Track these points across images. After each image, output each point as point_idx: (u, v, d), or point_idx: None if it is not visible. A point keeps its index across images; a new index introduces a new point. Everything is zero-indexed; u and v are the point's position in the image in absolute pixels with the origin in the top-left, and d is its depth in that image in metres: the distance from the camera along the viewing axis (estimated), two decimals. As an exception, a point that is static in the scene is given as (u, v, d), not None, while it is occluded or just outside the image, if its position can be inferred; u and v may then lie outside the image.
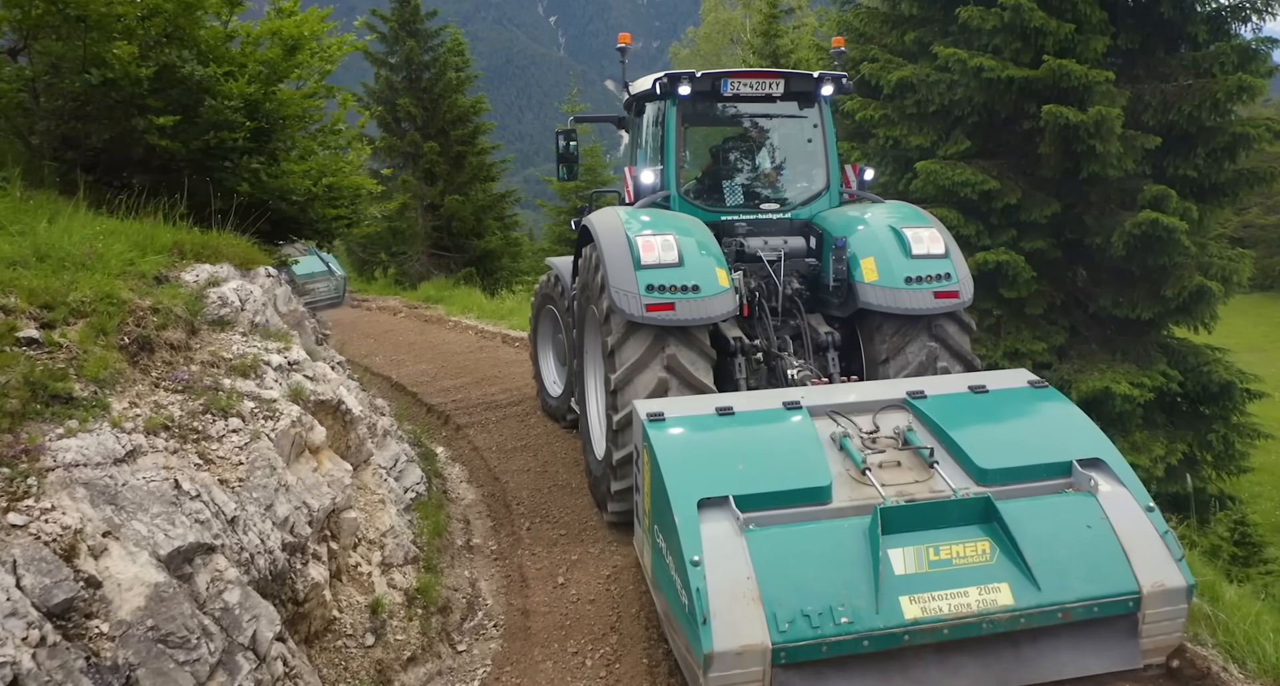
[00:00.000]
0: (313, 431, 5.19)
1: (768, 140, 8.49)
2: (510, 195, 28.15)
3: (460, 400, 11.98)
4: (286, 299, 6.35)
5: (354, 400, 6.13)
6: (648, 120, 8.44)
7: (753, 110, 8.22)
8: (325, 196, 7.73)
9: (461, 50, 26.18)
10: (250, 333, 5.53)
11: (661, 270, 6.39)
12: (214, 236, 6.08)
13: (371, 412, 7.52)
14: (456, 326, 17.70)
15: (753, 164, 8.48)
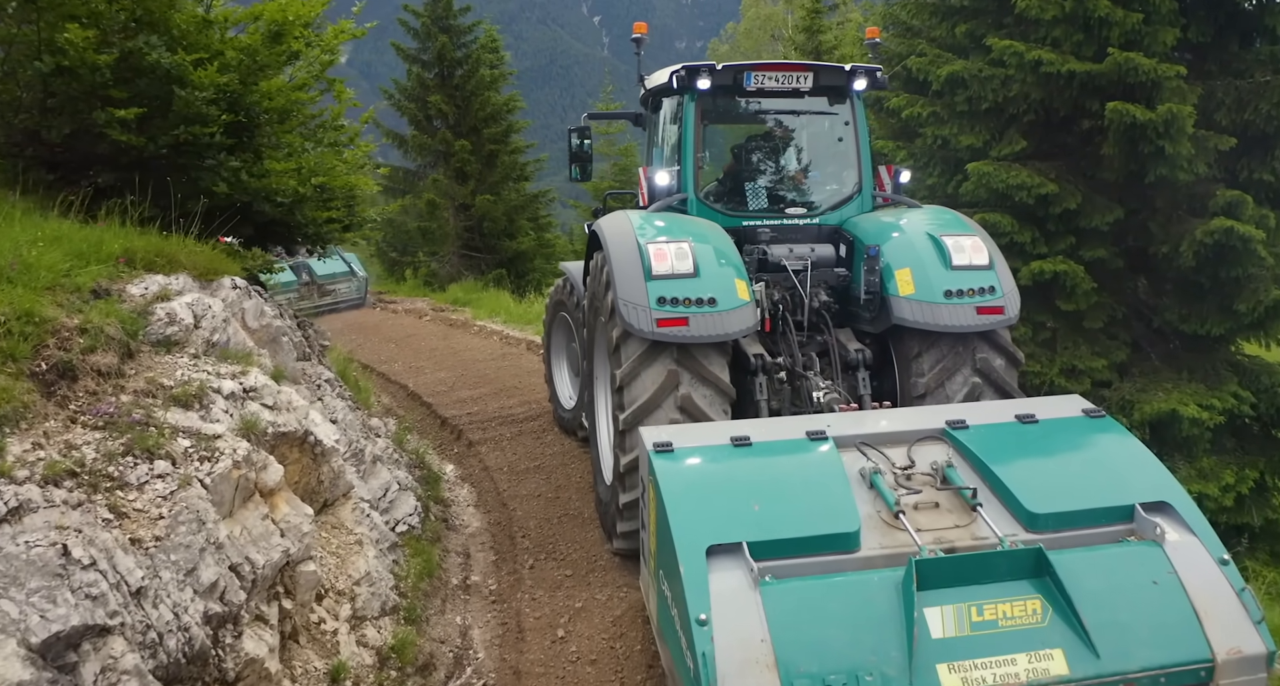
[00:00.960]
0: (266, 471, 4.49)
1: (795, 139, 7.85)
2: (544, 195, 27.50)
3: (476, 413, 11.32)
4: (258, 312, 5.68)
5: (328, 430, 5.44)
6: (664, 117, 7.84)
7: (779, 106, 7.57)
8: (316, 198, 7.06)
9: (496, 47, 25.61)
10: (204, 354, 4.85)
11: (675, 281, 5.87)
12: (174, 242, 5.42)
13: (362, 436, 6.85)
14: (481, 331, 17.08)
15: (778, 165, 7.83)
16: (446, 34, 24.19)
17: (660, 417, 5.85)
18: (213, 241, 6.41)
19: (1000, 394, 6.38)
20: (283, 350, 5.98)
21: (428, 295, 23.82)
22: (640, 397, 5.92)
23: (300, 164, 6.90)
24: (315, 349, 8.11)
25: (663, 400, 5.91)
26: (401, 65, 25.21)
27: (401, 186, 25.70)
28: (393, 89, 24.85)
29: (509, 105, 25.42)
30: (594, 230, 6.99)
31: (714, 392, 6.01)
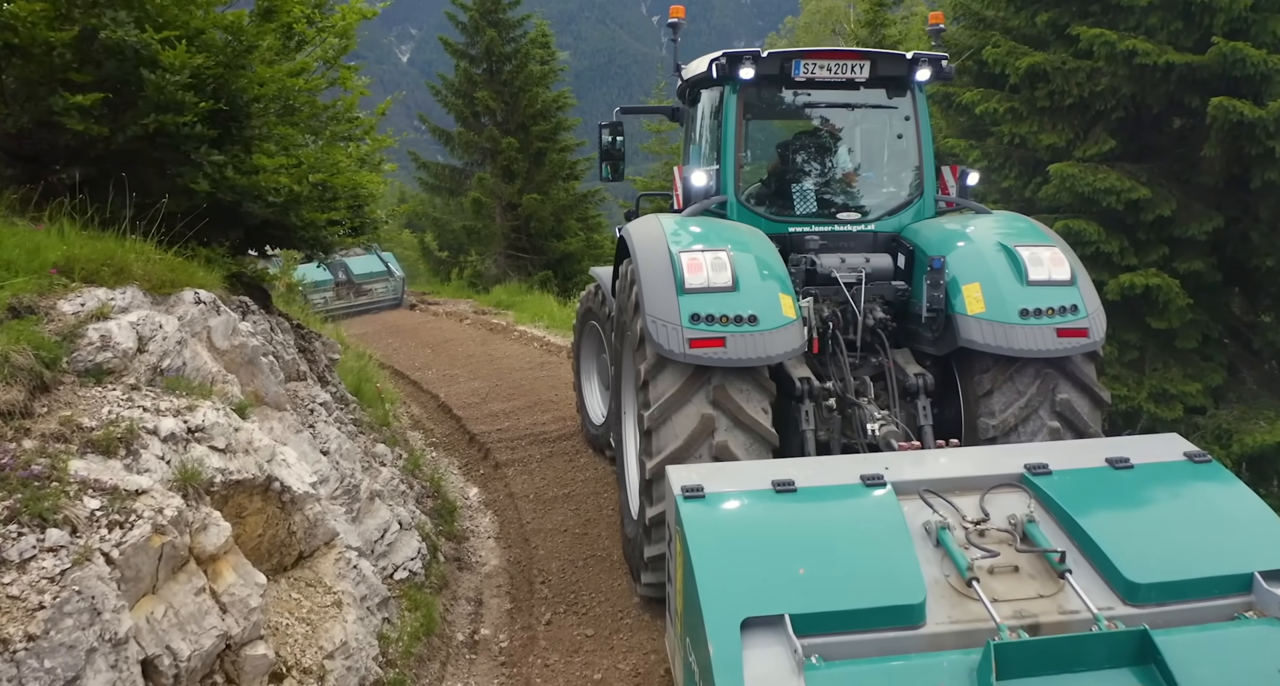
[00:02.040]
0: (206, 532, 3.68)
1: (848, 136, 7.09)
2: (594, 195, 26.62)
3: (506, 429, 10.51)
4: (228, 331, 4.88)
5: (302, 472, 4.62)
6: (703, 110, 7.10)
7: (831, 99, 6.77)
8: (317, 197, 6.27)
9: (546, 42, 24.83)
10: (146, 384, 4.06)
11: (711, 295, 5.25)
12: (129, 248, 4.64)
13: (361, 468, 6.05)
14: (521, 337, 16.30)
15: (829, 164, 7.02)
16: (495, 28, 23.46)
17: (691, 412, 5.30)
18: (193, 246, 5.65)
19: (1069, 423, 5.65)
20: (261, 373, 5.19)
21: (471, 297, 23.14)
22: (669, 409, 5.30)
23: (299, 159, 6.11)
24: (320, 364, 7.34)
25: (690, 401, 5.29)
26: (448, 60, 24.56)
27: (448, 185, 25.07)
28: (440, 85, 24.19)
29: (559, 102, 24.62)
30: (622, 235, 6.32)
31: (750, 400, 5.35)
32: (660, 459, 5.24)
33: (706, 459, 5.22)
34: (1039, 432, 5.59)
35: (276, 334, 6.09)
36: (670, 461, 5.17)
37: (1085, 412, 5.65)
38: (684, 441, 5.23)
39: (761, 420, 5.35)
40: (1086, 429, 5.65)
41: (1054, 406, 5.60)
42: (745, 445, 5.31)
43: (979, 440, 5.68)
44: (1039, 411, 5.62)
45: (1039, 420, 5.61)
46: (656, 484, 5.34)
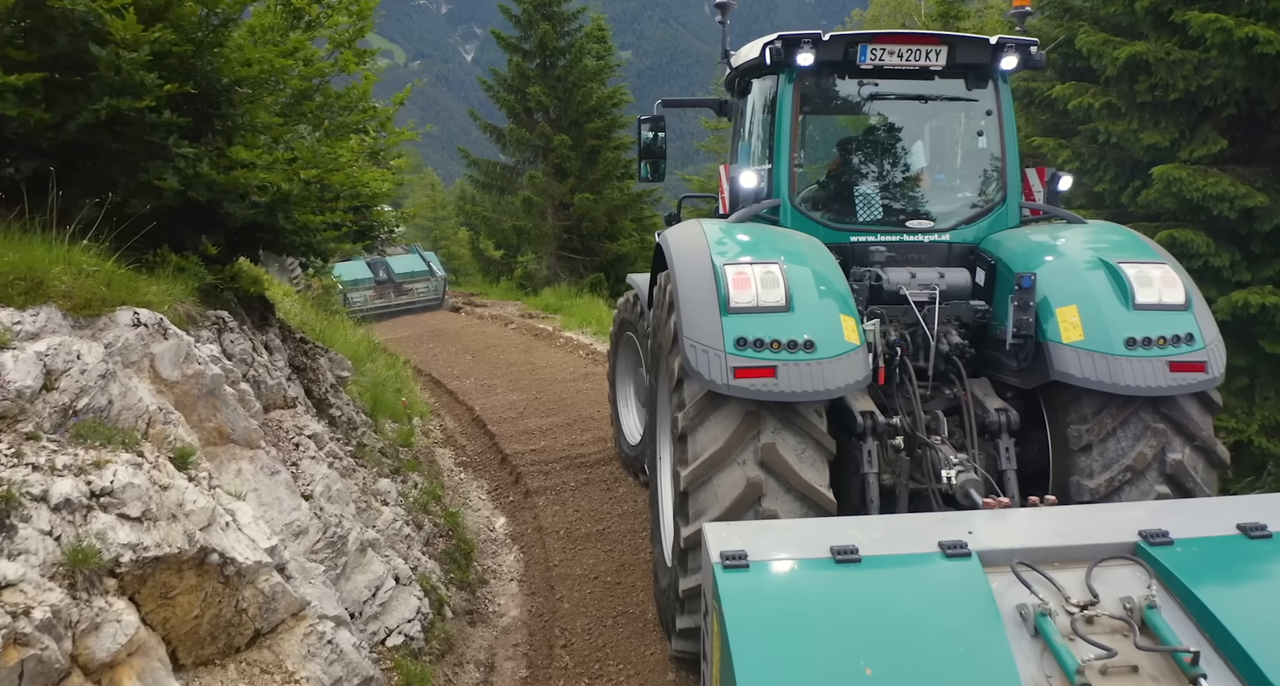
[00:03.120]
0: (97, 634, 2.84)
1: (920, 132, 6.39)
2: (649, 195, 25.68)
3: (541, 450, 9.65)
4: (179, 357, 4.05)
5: (256, 534, 3.77)
6: (754, 102, 6.35)
7: (901, 90, 5.99)
8: (313, 196, 5.44)
9: (603, 36, 24.01)
10: (49, 431, 3.24)
11: (760, 316, 4.60)
12: (55, 258, 3.83)
13: (354, 513, 5.22)
14: (567, 344, 15.47)
15: (898, 164, 6.26)
16: (549, 21, 22.67)
17: (733, 479, 4.57)
18: (162, 253, 4.87)
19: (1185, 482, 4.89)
20: (226, 406, 4.36)
21: (519, 299, 22.44)
22: (708, 447, 4.60)
23: (295, 152, 5.29)
24: (324, 384, 6.54)
25: (736, 454, 4.59)
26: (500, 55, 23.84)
27: (499, 183, 24.35)
28: (491, 79, 23.48)
29: (614, 98, 23.75)
30: (659, 243, 5.64)
31: (806, 445, 4.64)
32: (697, 528, 4.39)
33: (749, 467, 4.57)
34: (1145, 498, 4.78)
35: (260, 355, 5.28)
36: (706, 470, 4.56)
37: (1200, 475, 4.85)
38: (726, 508, 4.50)
39: (817, 484, 4.58)
40: (1200, 494, 4.84)
41: (1164, 468, 4.81)
42: (797, 512, 4.55)
43: (1071, 498, 4.85)
44: (1145, 473, 4.82)
45: (1145, 484, 4.82)
46: (693, 553, 4.62)
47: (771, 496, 4.56)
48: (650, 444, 6.17)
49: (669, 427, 5.27)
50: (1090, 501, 4.78)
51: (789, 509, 4.55)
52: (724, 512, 4.51)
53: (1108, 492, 4.82)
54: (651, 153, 7.12)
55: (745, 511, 4.54)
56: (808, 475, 4.57)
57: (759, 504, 4.56)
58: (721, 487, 4.57)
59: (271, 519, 4.46)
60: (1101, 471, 4.84)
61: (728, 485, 4.56)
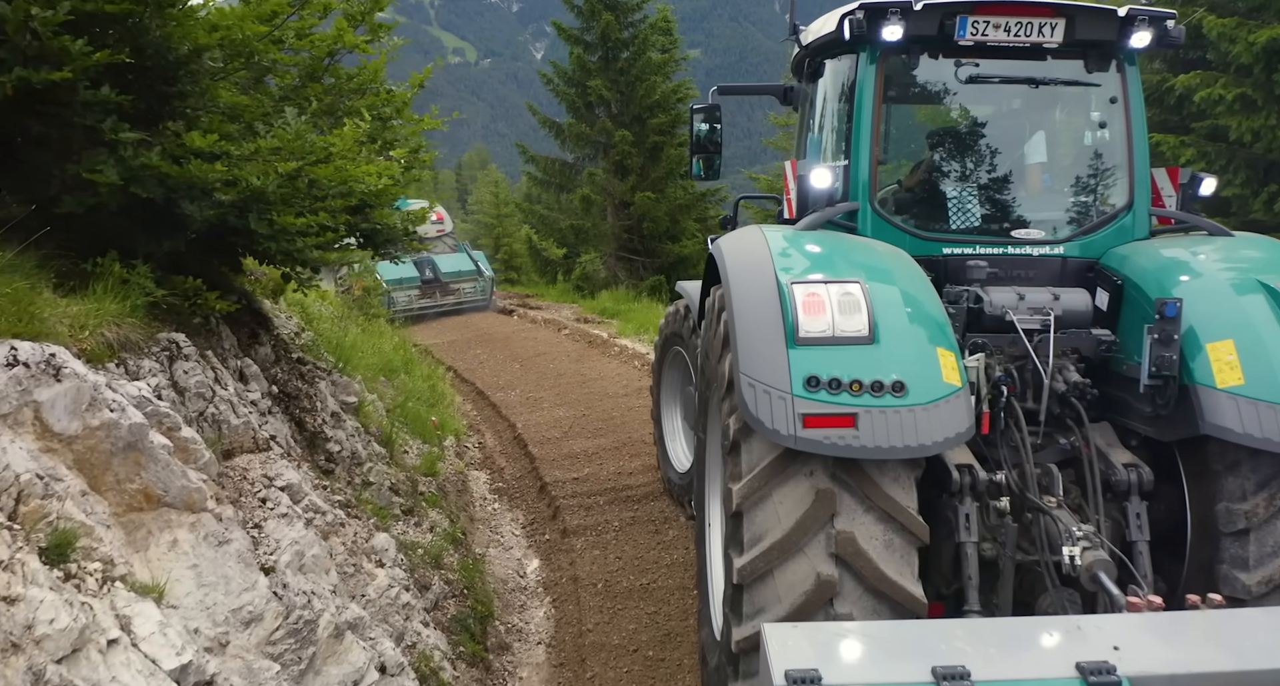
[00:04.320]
0: None
1: (1030, 122, 5.44)
2: (714, 194, 24.50)
3: (584, 479, 8.66)
4: (78, 404, 3.07)
5: (160, 656, 2.80)
6: (827, 88, 5.38)
7: (1008, 71, 5.02)
8: (299, 193, 4.46)
9: (668, 28, 22.95)
10: None
11: (837, 349, 3.77)
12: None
13: (335, 583, 4.26)
14: (622, 353, 14.47)
15: (1001, 161, 5.25)
16: (612, 12, 21.66)
17: (801, 571, 3.68)
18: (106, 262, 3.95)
19: None
20: (154, 462, 3.39)
21: (575, 301, 21.48)
22: (770, 526, 3.72)
23: (277, 141, 4.32)
24: (321, 414, 5.59)
25: (806, 536, 3.68)
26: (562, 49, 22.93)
27: (557, 180, 23.45)
28: (551, 72, 22.57)
29: (679, 93, 22.67)
30: (712, 252, 4.74)
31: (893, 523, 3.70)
32: (754, 630, 3.55)
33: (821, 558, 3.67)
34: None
35: (225, 386, 4.32)
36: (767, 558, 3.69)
37: None
38: (789, 611, 3.64)
39: (906, 583, 3.64)
40: None
41: None
42: (877, 615, 3.64)
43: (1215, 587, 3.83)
44: None
45: None
46: (746, 658, 3.77)
47: (847, 597, 3.62)
48: (698, 481, 5.23)
49: (718, 444, 4.37)
50: (1243, 601, 3.80)
51: (868, 611, 3.63)
52: (786, 615, 3.59)
53: (1267, 592, 3.82)
54: (704, 146, 6.18)
55: (814, 614, 3.61)
56: (894, 571, 3.62)
57: (830, 606, 3.62)
58: (784, 585, 3.66)
59: (212, 606, 3.49)
60: (1263, 563, 3.82)
61: (792, 582, 3.65)
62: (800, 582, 3.61)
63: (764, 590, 3.68)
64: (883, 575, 3.60)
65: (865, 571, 3.61)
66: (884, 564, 3.62)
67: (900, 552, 3.68)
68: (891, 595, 3.60)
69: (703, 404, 5.01)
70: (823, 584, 3.58)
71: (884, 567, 3.61)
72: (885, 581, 3.60)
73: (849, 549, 3.59)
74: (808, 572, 3.61)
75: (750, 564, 3.66)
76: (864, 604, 3.61)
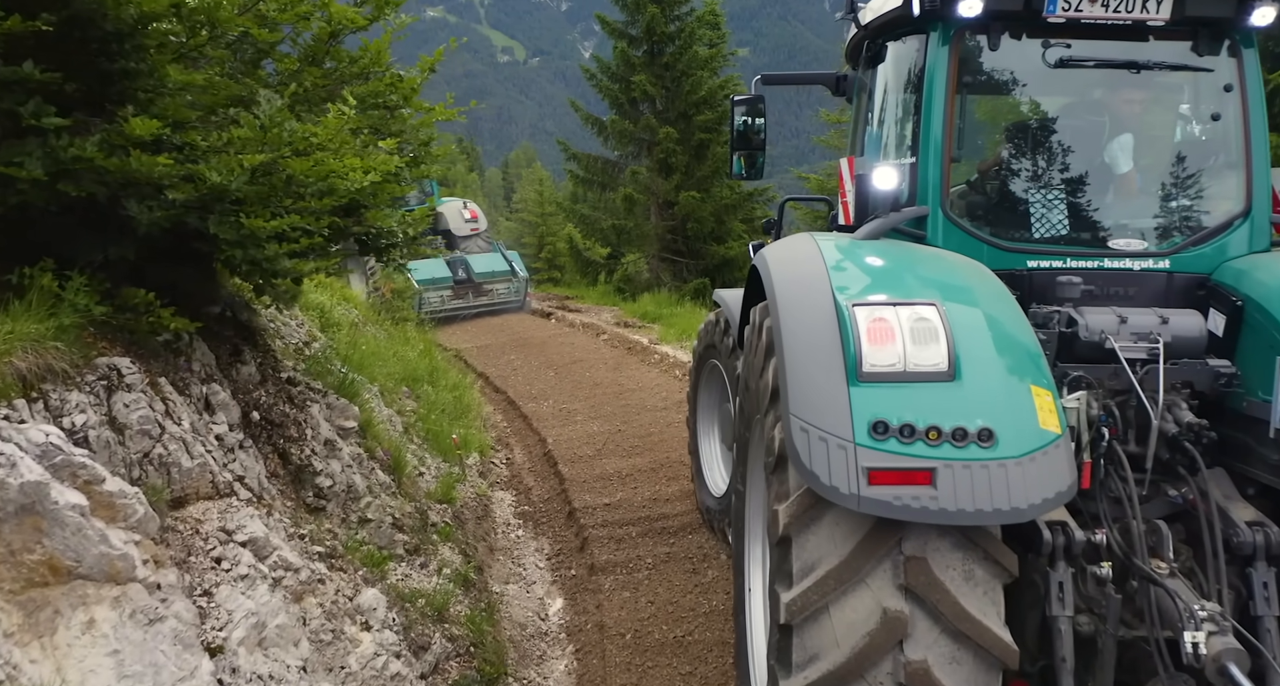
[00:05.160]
0: None
1: (1129, 114, 4.60)
2: (761, 194, 23.65)
3: (617, 505, 7.92)
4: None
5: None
6: (889, 74, 4.72)
7: (1104, 54, 4.31)
8: (276, 191, 3.77)
9: (716, 22, 22.18)
10: None
11: (910, 388, 3.13)
12: None
13: (306, 655, 3.57)
14: (662, 362, 13.71)
15: (1096, 159, 4.51)
16: (658, 5, 20.91)
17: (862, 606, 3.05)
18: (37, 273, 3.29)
19: None
20: (60, 528, 2.69)
21: (616, 304, 20.77)
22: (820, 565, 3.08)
23: (250, 132, 3.63)
24: (313, 443, 4.90)
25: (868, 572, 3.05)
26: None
27: (599, 178, 22.75)
28: (594, 67, 21.87)
29: (726, 89, 21.83)
30: (755, 265, 4.17)
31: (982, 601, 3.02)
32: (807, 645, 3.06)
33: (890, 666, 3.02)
34: None
35: (180, 421, 3.64)
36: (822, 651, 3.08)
37: None
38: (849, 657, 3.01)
39: (991, 624, 3.00)
40: None
41: None
42: (957, 661, 3.01)
43: None
44: None
45: None
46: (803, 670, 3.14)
47: (920, 639, 3.00)
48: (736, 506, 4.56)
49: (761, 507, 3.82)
50: None
51: (945, 657, 2.99)
52: (846, 662, 3.00)
53: None
54: (746, 142, 5.55)
55: (880, 660, 3.01)
56: (977, 608, 2.98)
57: (900, 650, 3.01)
58: (843, 624, 3.05)
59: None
60: None
61: (852, 620, 3.04)
62: (862, 621, 2.98)
63: (817, 631, 3.05)
64: (964, 612, 2.94)
65: (943, 606, 2.95)
66: (965, 598, 2.96)
67: (984, 587, 3.03)
68: (975, 638, 2.94)
69: (742, 422, 4.32)
70: (890, 621, 2.94)
71: (965, 603, 2.95)
72: (967, 620, 2.94)
73: (921, 579, 2.96)
74: (871, 608, 2.98)
75: (800, 598, 3.03)
76: (940, 648, 2.95)
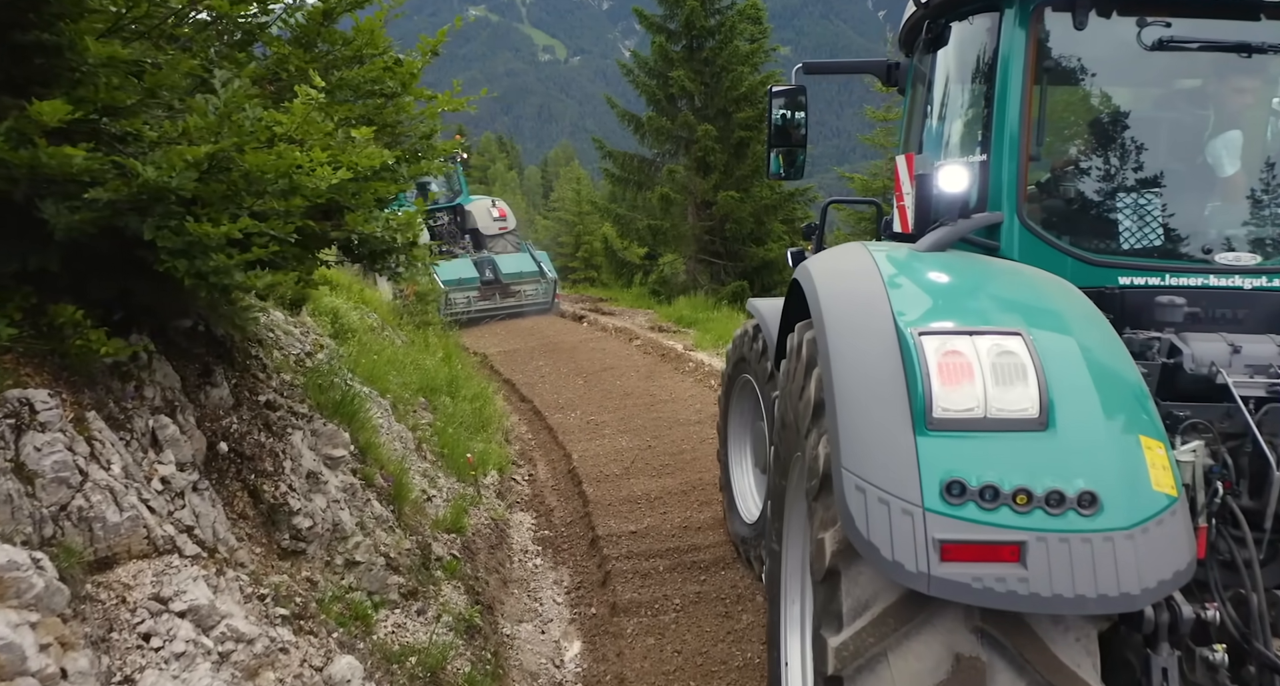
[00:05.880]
0: None
1: (1237, 109, 3.96)
2: (803, 194, 22.85)
3: (644, 533, 7.27)
4: None
5: None
6: (953, 60, 4.12)
7: (1208, 34, 3.68)
8: (234, 190, 3.14)
9: (758, 16, 21.42)
10: None
11: (993, 439, 2.50)
12: None
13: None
14: (696, 370, 13.06)
15: (1196, 159, 3.91)
16: (698, -1, 20.26)
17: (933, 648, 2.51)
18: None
19: None
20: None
21: (651, 307, 20.12)
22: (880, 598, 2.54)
23: (198, 118, 3.01)
24: (291, 478, 4.29)
25: None
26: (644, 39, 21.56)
27: (635, 177, 22.11)
28: (631, 62, 21.21)
29: (767, 85, 21.09)
30: (798, 280, 3.53)
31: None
32: None
33: None
34: None
35: (105, 466, 3.03)
36: None
37: None
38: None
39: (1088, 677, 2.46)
40: None
41: None
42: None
43: None
44: None
45: None
46: None
47: None
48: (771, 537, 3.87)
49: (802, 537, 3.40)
50: None
51: None
52: None
53: None
54: (786, 137, 4.97)
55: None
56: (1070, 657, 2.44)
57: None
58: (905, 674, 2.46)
59: None
60: None
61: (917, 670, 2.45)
62: (930, 671, 2.44)
63: (874, 683, 2.45)
64: (1055, 662, 2.39)
65: (1029, 653, 2.39)
66: (1056, 645, 2.42)
67: (1077, 633, 2.47)
68: None
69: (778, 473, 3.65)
70: (965, 670, 2.38)
71: (1056, 650, 2.41)
72: (1059, 671, 2.39)
73: (1002, 620, 2.43)
74: (941, 655, 2.43)
75: (852, 642, 2.47)
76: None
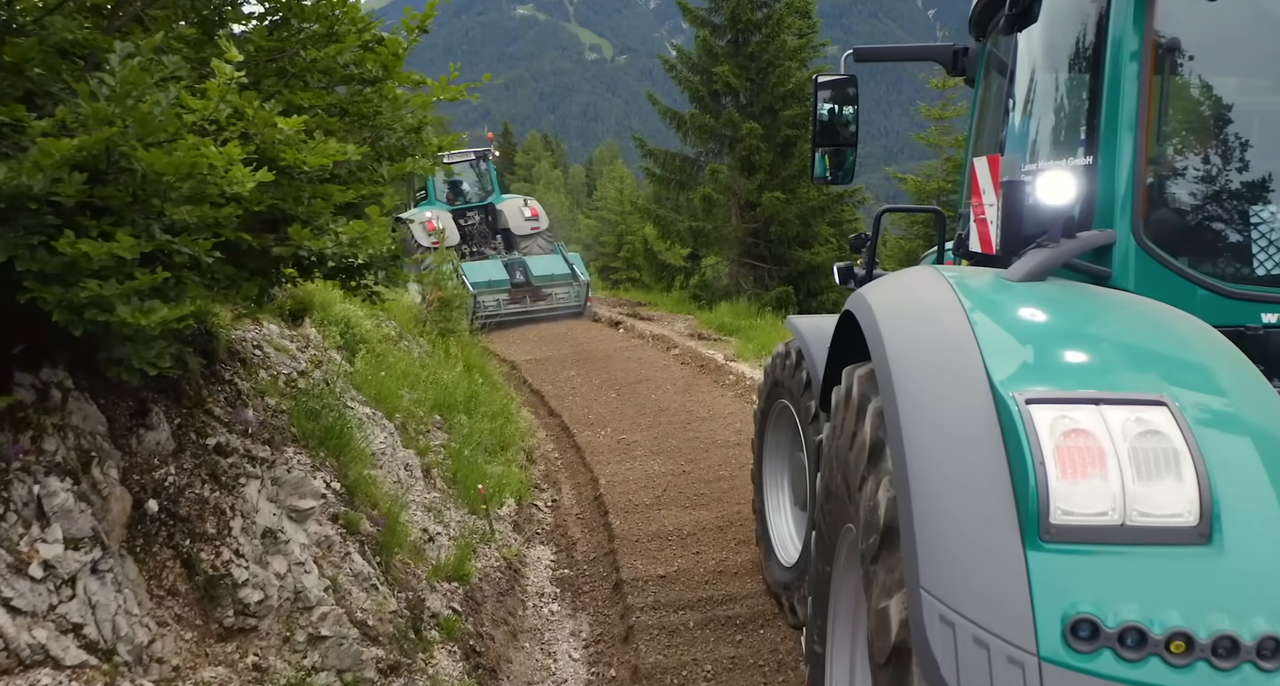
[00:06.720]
0: None
1: None
2: (852, 195, 21.86)
3: (674, 578, 6.48)
4: None
5: None
6: (1041, 43, 3.37)
7: None
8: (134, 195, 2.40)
9: (807, 9, 20.53)
10: None
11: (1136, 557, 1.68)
12: None
13: None
14: (737, 383, 12.24)
15: None
16: (745, -10, 19.41)
17: None
18: None
19: None
20: None
21: (691, 312, 19.31)
22: None
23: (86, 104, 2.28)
24: (240, 541, 3.56)
25: None
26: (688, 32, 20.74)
27: (677, 176, 21.29)
28: (674, 58, 20.40)
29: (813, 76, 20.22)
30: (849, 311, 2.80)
31: None
32: None
33: None
34: None
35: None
36: None
37: None
38: None
39: None
40: None
41: None
42: None
43: None
44: None
45: None
46: None
47: None
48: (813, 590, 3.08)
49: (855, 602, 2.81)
50: None
51: None
52: None
53: None
54: (833, 135, 4.33)
55: None
56: None
57: None
58: None
59: None
60: None
61: None
62: None
63: None
64: None
65: None
66: None
67: None
68: None
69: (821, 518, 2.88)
70: None
71: None
72: None
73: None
74: None
75: None
76: None
